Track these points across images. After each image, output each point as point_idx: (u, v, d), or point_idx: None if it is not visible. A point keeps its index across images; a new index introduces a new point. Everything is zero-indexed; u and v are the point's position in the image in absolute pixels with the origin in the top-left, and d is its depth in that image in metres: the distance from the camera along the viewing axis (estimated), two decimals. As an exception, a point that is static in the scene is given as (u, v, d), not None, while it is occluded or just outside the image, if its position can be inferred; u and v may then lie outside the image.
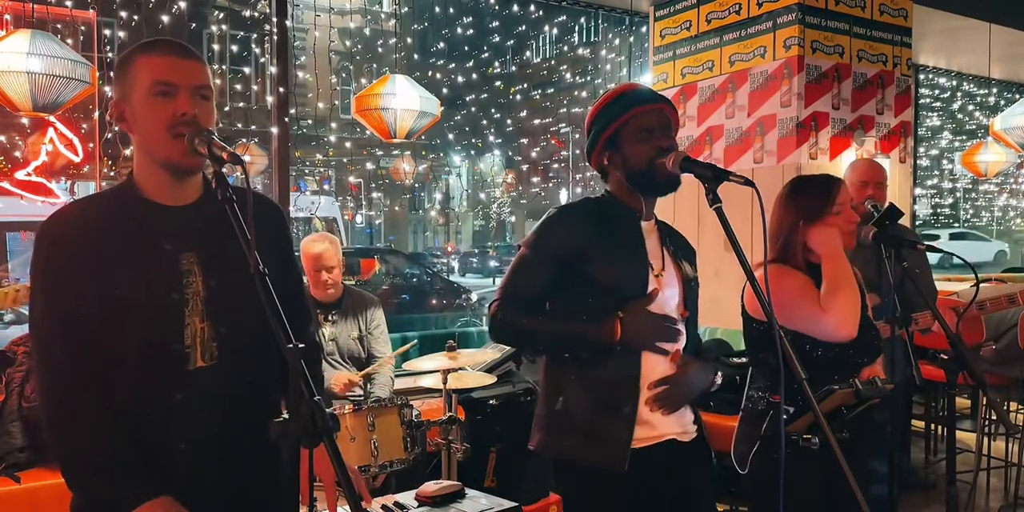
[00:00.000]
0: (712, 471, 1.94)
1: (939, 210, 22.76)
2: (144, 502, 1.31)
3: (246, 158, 5.90)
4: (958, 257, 2.39)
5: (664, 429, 1.82)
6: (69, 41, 3.74)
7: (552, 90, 25.82)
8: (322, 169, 19.84)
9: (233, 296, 1.39)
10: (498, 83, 24.04)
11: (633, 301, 1.75)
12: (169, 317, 1.37)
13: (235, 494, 1.43)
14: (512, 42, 24.44)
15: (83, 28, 5.42)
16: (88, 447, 1.34)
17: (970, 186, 22.32)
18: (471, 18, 19.99)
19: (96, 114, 5.21)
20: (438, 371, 3.03)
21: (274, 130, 4.10)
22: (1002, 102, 8.30)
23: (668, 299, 1.83)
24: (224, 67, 14.90)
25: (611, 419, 1.76)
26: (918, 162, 9.66)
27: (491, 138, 22.53)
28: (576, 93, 22.21)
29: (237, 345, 1.42)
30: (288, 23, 4.20)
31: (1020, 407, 4.74)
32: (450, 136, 22.28)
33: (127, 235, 1.38)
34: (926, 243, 2.21)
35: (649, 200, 1.89)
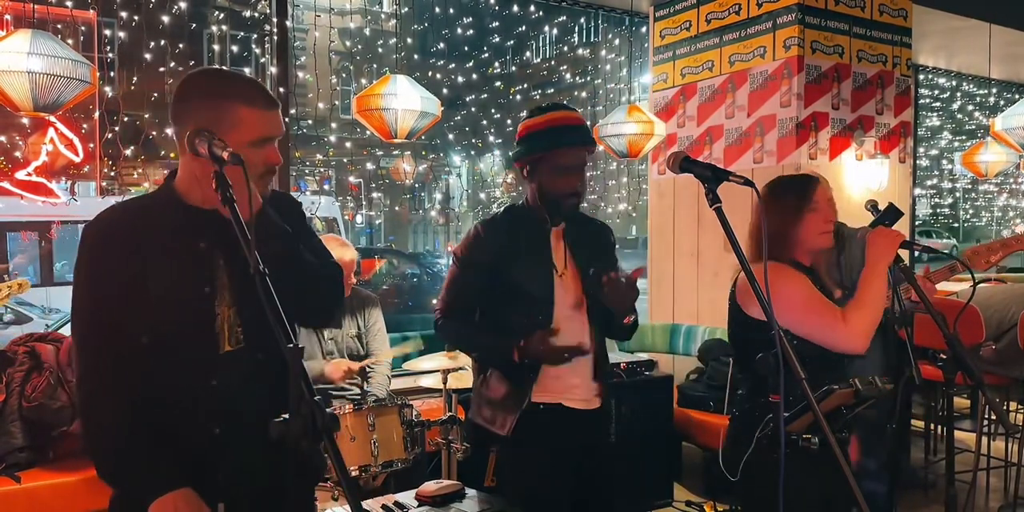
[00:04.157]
0: (608, 436, 2.32)
1: (939, 210, 22.77)
2: (165, 493, 1.35)
3: (246, 158, 5.88)
4: (956, 258, 2.39)
5: (560, 396, 2.17)
6: (69, 41, 3.73)
7: (552, 90, 25.81)
8: (322, 169, 19.83)
9: (254, 285, 1.43)
10: (498, 83, 24.00)
11: (534, 329, 2.07)
12: (202, 308, 1.45)
13: (267, 478, 1.44)
14: (512, 42, 24.41)
15: (83, 28, 5.43)
16: (115, 438, 1.40)
17: (970, 186, 22.32)
18: (471, 18, 19.97)
19: (96, 114, 5.21)
20: (438, 371, 3.03)
21: (274, 130, 4.10)
22: (1002, 102, 8.30)
23: (565, 294, 2.17)
24: (224, 67, 14.90)
25: (508, 393, 2.16)
26: (918, 162, 9.66)
27: (491, 138, 22.50)
28: (576, 93, 22.21)
29: (259, 330, 1.45)
30: (288, 23, 4.20)
31: (1020, 407, 4.74)
32: (450, 136, 22.26)
33: (166, 235, 1.45)
34: (921, 244, 2.21)
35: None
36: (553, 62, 26.98)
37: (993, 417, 4.05)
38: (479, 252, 2.17)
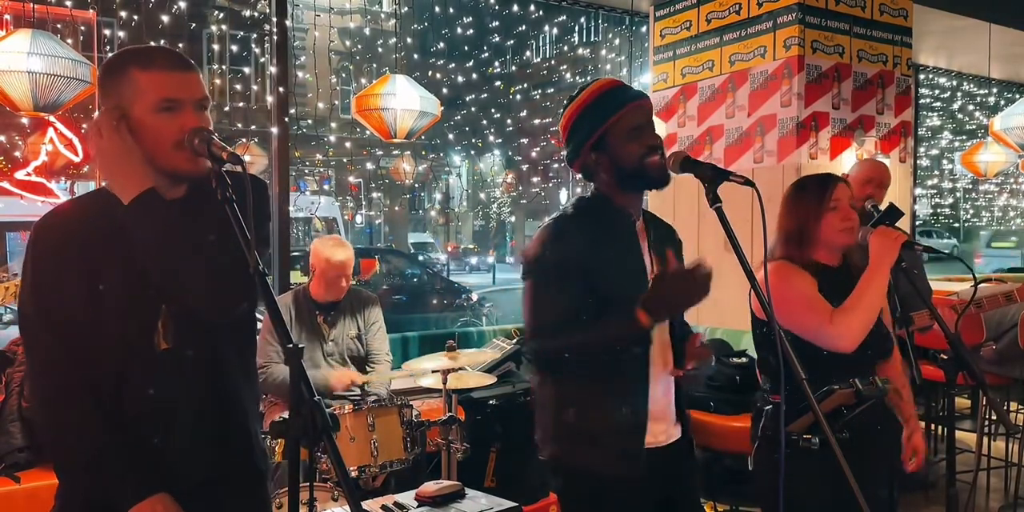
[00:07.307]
0: (695, 463, 1.99)
1: (939, 210, 22.79)
2: (142, 500, 1.33)
3: (246, 158, 5.90)
4: (959, 259, 2.39)
5: (668, 432, 1.88)
6: (69, 41, 3.74)
7: (552, 90, 25.80)
8: (322, 169, 19.85)
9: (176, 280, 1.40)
10: (498, 83, 24.01)
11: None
12: (146, 309, 1.41)
13: (212, 479, 1.45)
14: (512, 42, 24.40)
15: (83, 28, 5.42)
16: (81, 442, 1.36)
17: (970, 186, 22.34)
18: (471, 18, 19.96)
19: (96, 114, 5.21)
20: (438, 371, 3.03)
21: (274, 130, 4.10)
22: (1002, 102, 8.30)
23: None
24: (224, 67, 14.91)
25: (625, 429, 1.79)
26: (918, 162, 9.66)
27: (491, 138, 22.51)
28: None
29: (185, 326, 1.44)
30: (288, 23, 4.20)
31: (1020, 407, 4.74)
32: (450, 136, 22.27)
33: (111, 233, 1.40)
34: (923, 244, 2.21)
35: (638, 197, 1.91)
36: (553, 62, 26.96)
37: (994, 417, 4.05)
38: (559, 255, 1.77)
